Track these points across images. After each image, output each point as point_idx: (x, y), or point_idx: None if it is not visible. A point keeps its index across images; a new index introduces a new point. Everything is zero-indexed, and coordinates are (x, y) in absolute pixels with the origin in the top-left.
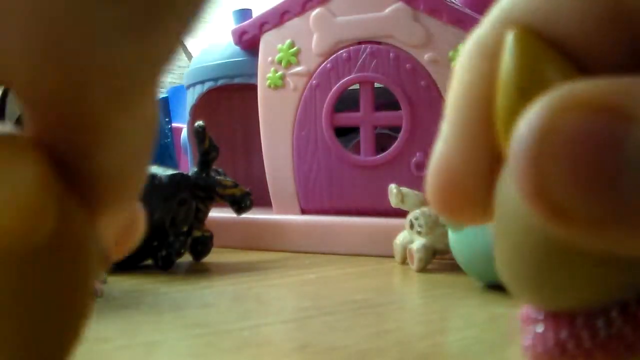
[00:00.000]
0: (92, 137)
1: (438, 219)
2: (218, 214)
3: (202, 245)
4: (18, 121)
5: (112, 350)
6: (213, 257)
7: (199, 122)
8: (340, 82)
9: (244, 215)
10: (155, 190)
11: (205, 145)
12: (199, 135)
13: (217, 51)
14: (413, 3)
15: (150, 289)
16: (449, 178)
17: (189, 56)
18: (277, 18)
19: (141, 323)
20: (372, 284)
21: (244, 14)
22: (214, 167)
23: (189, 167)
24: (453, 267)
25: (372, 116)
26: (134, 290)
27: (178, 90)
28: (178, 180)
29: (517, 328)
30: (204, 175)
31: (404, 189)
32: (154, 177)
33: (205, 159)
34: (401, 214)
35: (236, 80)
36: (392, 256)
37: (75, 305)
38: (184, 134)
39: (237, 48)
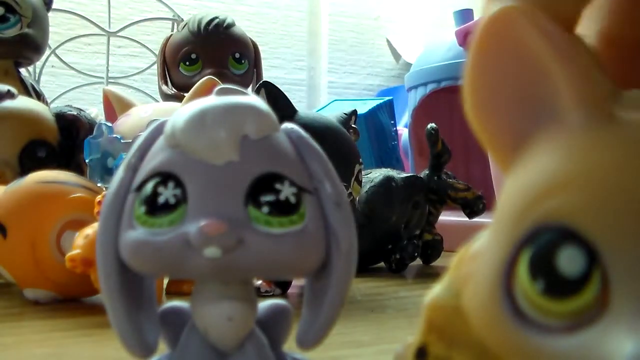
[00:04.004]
0: None
1: None
2: (447, 217)
3: (432, 249)
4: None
5: (373, 355)
6: (442, 260)
7: (432, 125)
8: None
9: (475, 219)
10: (392, 193)
11: (438, 148)
12: (431, 137)
13: (439, 53)
14: None
15: (390, 292)
16: None
17: (397, 57)
18: None
19: (394, 328)
20: None
21: (465, 14)
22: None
23: (410, 170)
24: None
25: None
26: (374, 293)
27: (396, 92)
28: (413, 182)
29: None
30: (435, 178)
31: None
32: (390, 179)
33: (438, 162)
34: None
35: (460, 82)
36: None
37: None
38: (405, 136)
39: (461, 49)
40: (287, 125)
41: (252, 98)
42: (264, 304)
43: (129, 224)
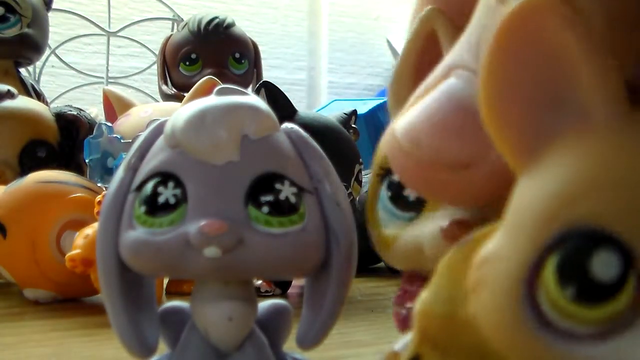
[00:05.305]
0: None
1: None
2: None
3: None
4: None
5: (373, 355)
6: None
7: None
8: None
9: None
10: None
11: None
12: None
13: None
14: None
15: (390, 292)
16: None
17: (397, 57)
18: None
19: (394, 328)
20: None
21: None
22: None
23: None
24: None
25: None
26: (374, 293)
27: None
28: None
29: None
30: None
31: None
32: None
33: None
34: None
35: None
36: None
37: None
38: None
39: None
40: (287, 125)
41: (252, 98)
42: (264, 304)
43: (129, 224)
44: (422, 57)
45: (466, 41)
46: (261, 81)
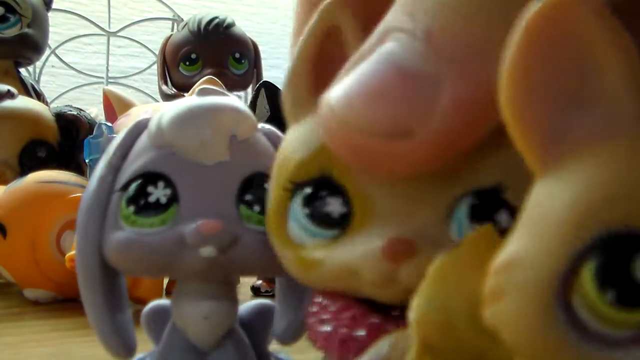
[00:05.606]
0: None
1: None
2: None
3: None
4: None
5: None
6: None
7: None
8: None
9: None
10: None
11: None
12: None
13: None
14: None
15: None
16: None
17: None
18: None
19: None
20: None
21: None
22: None
23: None
24: None
25: None
26: None
27: None
28: None
29: None
30: None
31: None
32: None
33: None
34: None
35: None
36: None
37: None
38: None
39: None
40: (264, 125)
41: (233, 99)
42: (249, 304)
43: (115, 224)
44: (321, 57)
45: (401, 1)
46: (261, 81)
